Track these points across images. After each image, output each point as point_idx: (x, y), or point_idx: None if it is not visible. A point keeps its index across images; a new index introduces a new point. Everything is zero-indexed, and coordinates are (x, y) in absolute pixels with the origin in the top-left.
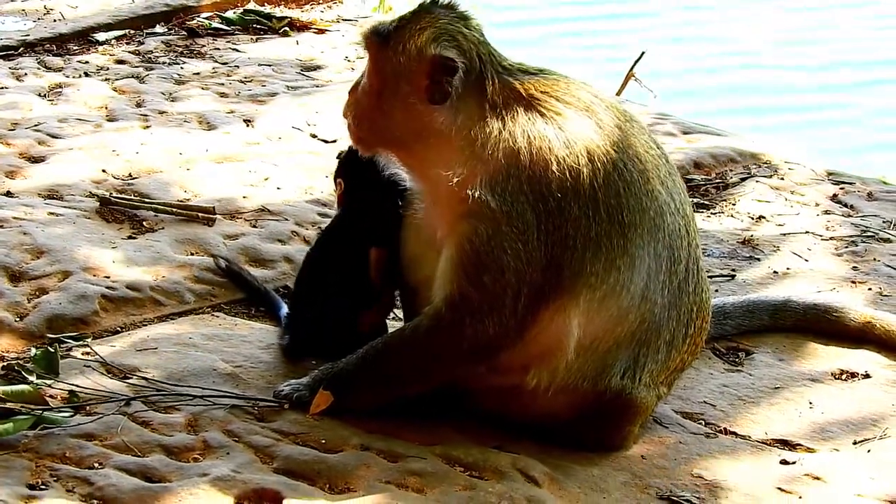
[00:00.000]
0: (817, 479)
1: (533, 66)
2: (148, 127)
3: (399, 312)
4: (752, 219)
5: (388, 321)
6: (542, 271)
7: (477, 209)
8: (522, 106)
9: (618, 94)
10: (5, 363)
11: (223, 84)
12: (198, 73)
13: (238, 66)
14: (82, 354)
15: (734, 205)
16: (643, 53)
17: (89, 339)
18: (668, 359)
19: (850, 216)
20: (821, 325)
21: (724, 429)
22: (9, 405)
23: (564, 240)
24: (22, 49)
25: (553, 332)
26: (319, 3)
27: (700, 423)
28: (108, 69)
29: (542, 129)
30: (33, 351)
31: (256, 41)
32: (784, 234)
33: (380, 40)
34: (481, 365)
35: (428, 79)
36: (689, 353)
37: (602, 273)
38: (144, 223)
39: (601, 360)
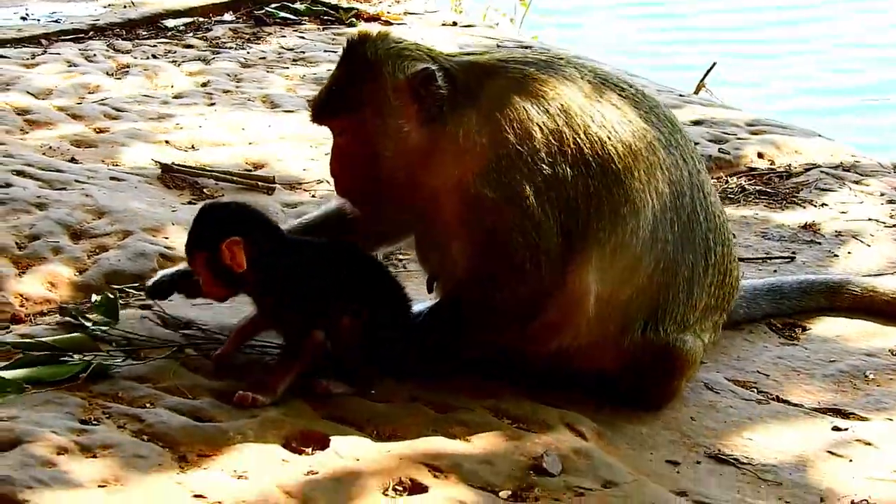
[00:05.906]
0: (869, 444)
1: (483, 57)
2: (212, 105)
3: None
4: (815, 206)
5: None
6: (555, 239)
7: (477, 204)
8: (488, 82)
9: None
10: (64, 312)
11: (288, 68)
12: (263, 58)
13: (304, 52)
14: (140, 308)
15: (797, 193)
16: (714, 64)
17: None
18: (692, 296)
19: None
20: (878, 307)
21: (777, 397)
22: (64, 353)
23: (567, 203)
24: (91, 33)
25: (572, 294)
26: None
27: (752, 391)
28: (175, 52)
29: (516, 100)
30: (94, 297)
31: (323, 31)
32: (847, 221)
33: (343, 109)
34: (509, 335)
35: (415, 101)
36: (716, 287)
37: (609, 227)
38: (205, 190)
39: (623, 310)
